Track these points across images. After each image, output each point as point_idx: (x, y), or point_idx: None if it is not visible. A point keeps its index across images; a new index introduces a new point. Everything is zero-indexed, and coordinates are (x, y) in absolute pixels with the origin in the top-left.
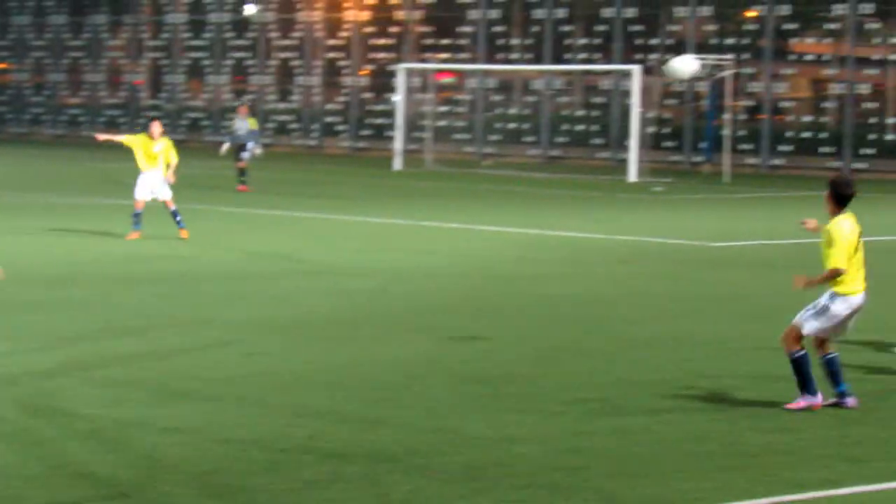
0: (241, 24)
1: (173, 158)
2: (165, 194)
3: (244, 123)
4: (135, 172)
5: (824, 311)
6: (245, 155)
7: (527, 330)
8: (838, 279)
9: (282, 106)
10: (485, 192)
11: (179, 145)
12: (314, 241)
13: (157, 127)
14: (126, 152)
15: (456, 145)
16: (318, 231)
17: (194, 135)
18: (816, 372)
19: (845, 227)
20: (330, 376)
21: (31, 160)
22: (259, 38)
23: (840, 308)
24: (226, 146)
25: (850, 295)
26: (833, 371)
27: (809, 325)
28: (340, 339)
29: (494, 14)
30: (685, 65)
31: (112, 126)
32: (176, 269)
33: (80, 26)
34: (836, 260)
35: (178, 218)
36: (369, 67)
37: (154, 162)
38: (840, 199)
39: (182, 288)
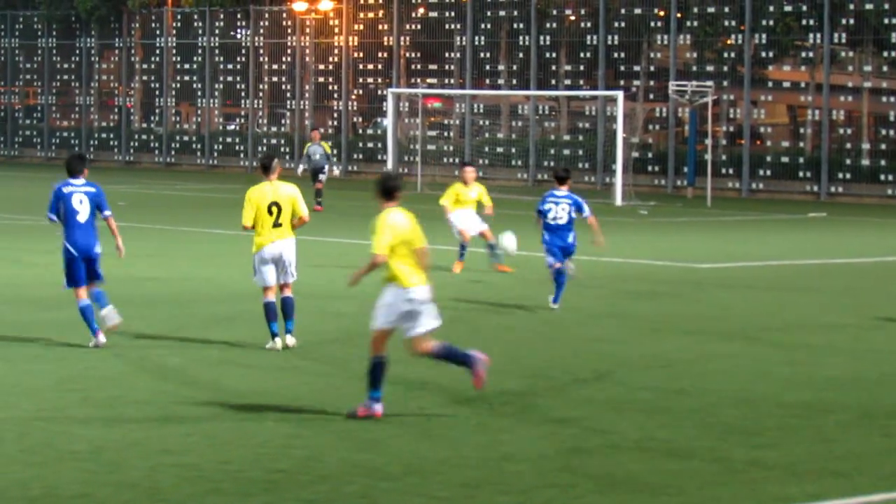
0: (231, 48)
1: (487, 201)
2: (482, 227)
3: (319, 148)
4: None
5: (383, 303)
6: (322, 177)
7: (518, 350)
8: (395, 273)
9: (273, 130)
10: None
11: (169, 168)
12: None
13: (470, 173)
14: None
15: (446, 168)
16: (314, 252)
17: (185, 158)
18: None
19: (393, 218)
20: (325, 397)
21: (23, 182)
22: (249, 62)
23: (394, 299)
24: (301, 168)
25: (407, 287)
26: (375, 374)
27: (376, 321)
28: (333, 359)
29: (481, 40)
30: (509, 242)
31: (104, 148)
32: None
33: (70, 49)
34: (374, 246)
35: (495, 251)
36: (358, 92)
37: (467, 205)
38: (385, 192)
39: (166, 309)
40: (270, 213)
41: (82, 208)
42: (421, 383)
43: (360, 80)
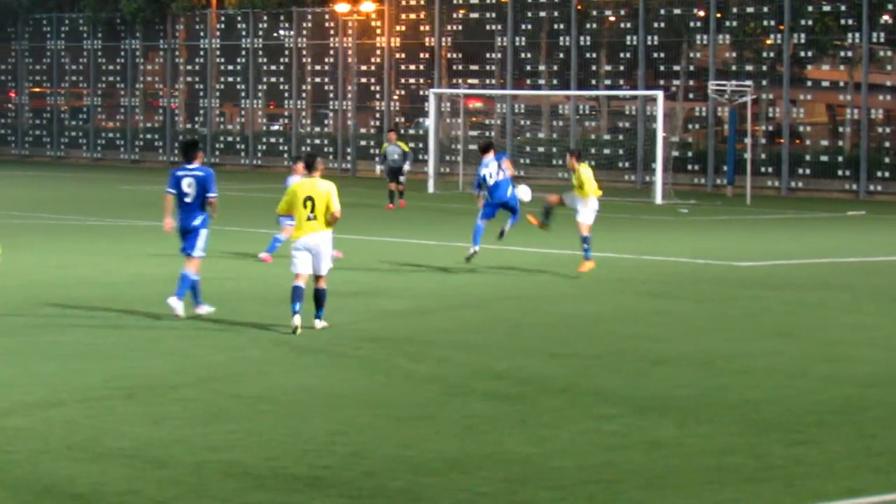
0: (274, 50)
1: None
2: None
3: (396, 148)
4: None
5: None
6: (402, 178)
7: (558, 347)
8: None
9: (316, 130)
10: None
11: (213, 168)
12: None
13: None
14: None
15: None
16: (360, 250)
17: (229, 158)
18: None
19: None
20: (369, 394)
21: (70, 182)
22: (292, 63)
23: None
24: (379, 168)
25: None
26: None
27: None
28: (376, 358)
29: (521, 41)
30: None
31: (149, 149)
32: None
33: (115, 51)
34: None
35: (586, 246)
36: (400, 92)
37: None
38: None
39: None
40: (305, 206)
41: (190, 191)
42: (462, 383)
43: (402, 80)
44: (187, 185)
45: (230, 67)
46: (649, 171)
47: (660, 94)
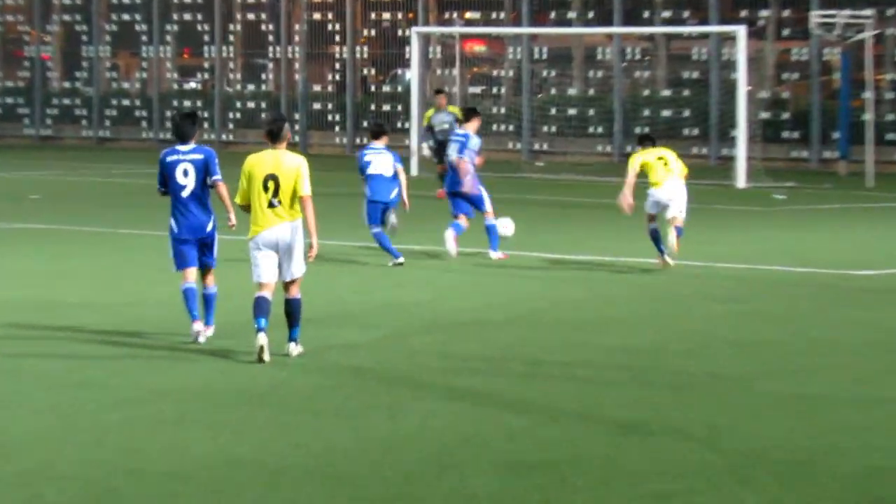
0: None
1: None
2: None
3: (447, 116)
4: None
5: None
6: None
7: (595, 396)
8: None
9: (249, 89)
10: (536, 205)
11: (104, 145)
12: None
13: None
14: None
15: (495, 140)
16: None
17: (125, 130)
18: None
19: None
20: (337, 463)
21: None
22: None
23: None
24: (426, 146)
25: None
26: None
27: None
28: (333, 412)
29: None
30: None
31: (10, 119)
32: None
33: None
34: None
35: (667, 242)
36: (369, 33)
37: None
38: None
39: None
40: (266, 188)
41: (188, 181)
42: (462, 441)
43: (372, 15)
44: (183, 175)
45: (125, 0)
46: (727, 142)
47: (741, 31)
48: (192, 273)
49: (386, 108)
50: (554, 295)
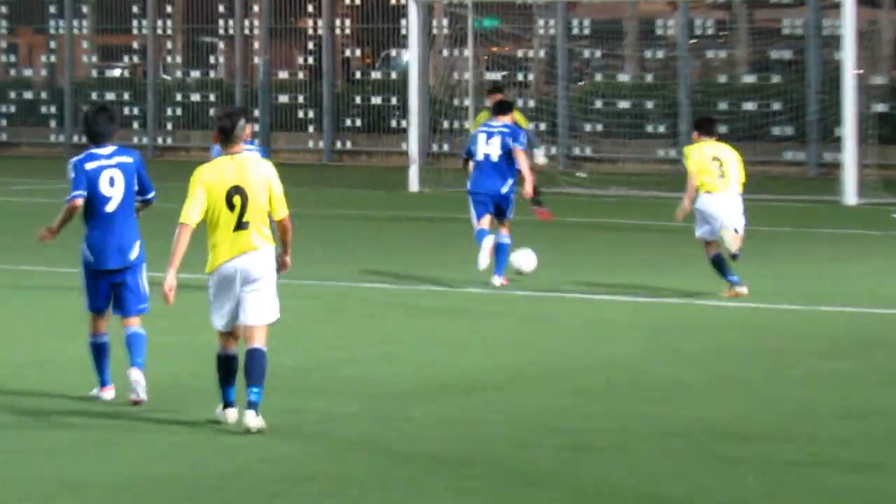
0: None
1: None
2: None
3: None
4: None
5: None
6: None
7: (662, 486)
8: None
9: (195, 76)
10: (577, 229)
11: None
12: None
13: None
14: None
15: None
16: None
17: (28, 131)
18: None
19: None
20: None
21: None
22: None
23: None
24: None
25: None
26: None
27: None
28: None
29: None
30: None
31: None
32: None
33: None
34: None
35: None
36: (353, 2)
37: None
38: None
39: None
40: (231, 206)
41: (115, 192)
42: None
43: None
44: (108, 184)
45: None
46: (831, 145)
47: None
48: (107, 319)
49: (375, 100)
50: (601, 349)
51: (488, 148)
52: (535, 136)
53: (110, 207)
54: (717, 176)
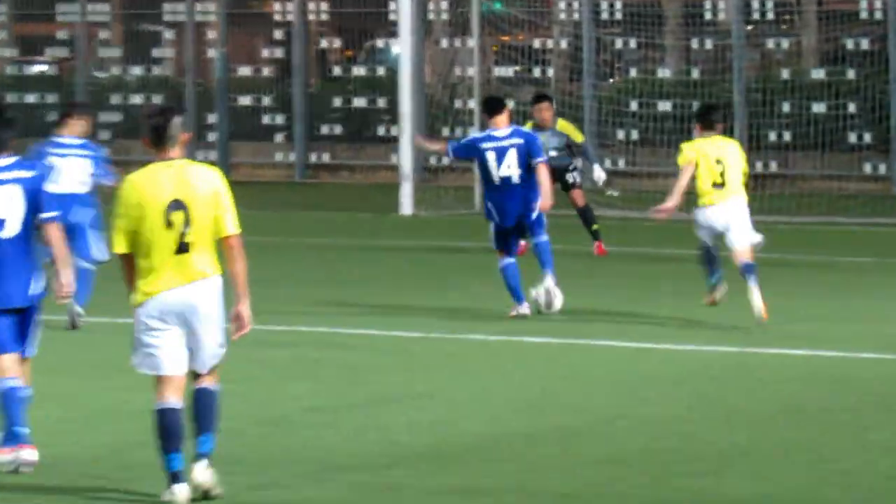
0: None
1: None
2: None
3: (556, 137)
4: None
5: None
6: (575, 184)
7: None
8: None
9: (136, 73)
10: (607, 261)
11: None
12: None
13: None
14: None
15: None
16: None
17: None
18: None
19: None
20: None
21: None
22: None
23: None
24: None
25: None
26: None
27: None
28: None
29: None
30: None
31: None
32: None
33: None
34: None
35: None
36: None
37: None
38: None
39: None
40: (169, 224)
41: (10, 214)
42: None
43: None
44: (6, 202)
45: None
46: None
47: None
48: (11, 363)
49: (359, 102)
50: (637, 409)
51: (505, 169)
52: (591, 148)
53: (5, 233)
54: (717, 183)
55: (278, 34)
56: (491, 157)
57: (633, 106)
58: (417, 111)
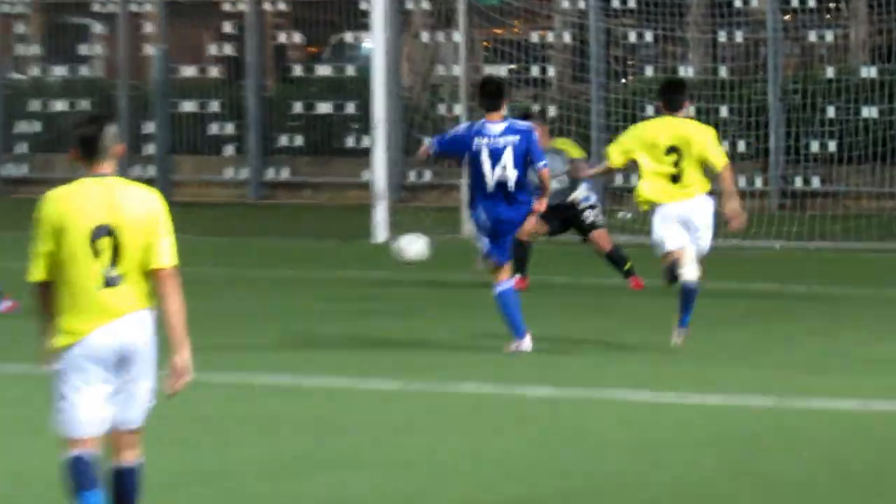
0: None
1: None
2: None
3: (556, 160)
4: None
5: None
6: (586, 214)
7: None
8: None
9: (59, 75)
10: (619, 292)
11: None
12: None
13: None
14: None
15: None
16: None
17: None
18: None
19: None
20: None
21: None
22: None
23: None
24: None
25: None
26: None
27: None
28: None
29: None
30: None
31: None
32: None
33: None
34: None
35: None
36: None
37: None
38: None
39: None
40: (96, 251)
41: None
42: None
43: None
44: None
45: None
46: None
47: None
48: None
49: (324, 108)
50: (659, 475)
51: (500, 172)
52: (588, 166)
53: None
54: (670, 176)
55: (228, 27)
56: (485, 155)
57: (649, 111)
58: (393, 118)
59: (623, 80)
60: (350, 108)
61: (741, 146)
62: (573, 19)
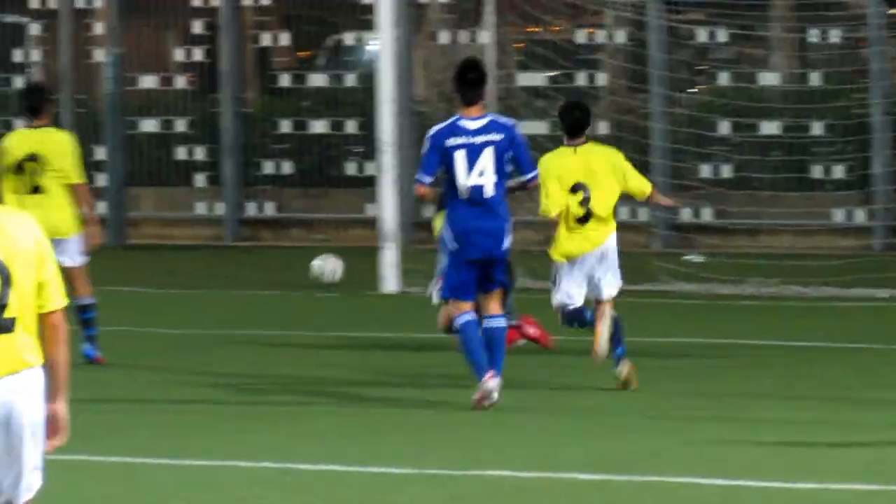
0: None
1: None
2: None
3: None
4: None
5: None
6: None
7: None
8: None
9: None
10: (680, 352)
11: None
12: None
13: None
14: None
15: None
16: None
17: None
18: None
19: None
20: None
21: None
22: None
23: None
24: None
25: None
26: None
27: None
28: None
29: None
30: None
31: None
32: None
33: None
34: None
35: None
36: None
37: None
38: None
39: None
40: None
41: None
42: None
43: None
44: None
45: None
46: None
47: None
48: None
49: (318, 127)
50: None
51: (476, 176)
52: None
53: None
54: (576, 218)
55: (198, 27)
56: (459, 156)
57: (724, 128)
58: (404, 138)
59: (690, 90)
60: (350, 126)
61: (837, 171)
62: (628, 15)
